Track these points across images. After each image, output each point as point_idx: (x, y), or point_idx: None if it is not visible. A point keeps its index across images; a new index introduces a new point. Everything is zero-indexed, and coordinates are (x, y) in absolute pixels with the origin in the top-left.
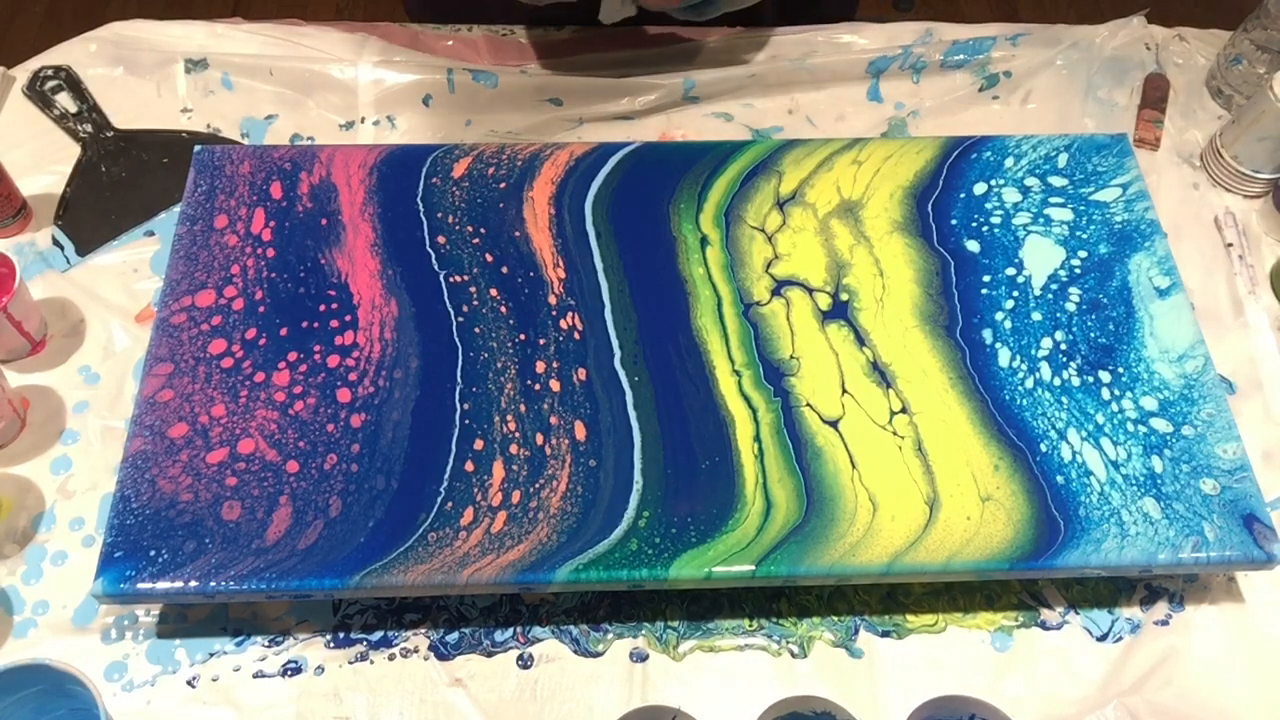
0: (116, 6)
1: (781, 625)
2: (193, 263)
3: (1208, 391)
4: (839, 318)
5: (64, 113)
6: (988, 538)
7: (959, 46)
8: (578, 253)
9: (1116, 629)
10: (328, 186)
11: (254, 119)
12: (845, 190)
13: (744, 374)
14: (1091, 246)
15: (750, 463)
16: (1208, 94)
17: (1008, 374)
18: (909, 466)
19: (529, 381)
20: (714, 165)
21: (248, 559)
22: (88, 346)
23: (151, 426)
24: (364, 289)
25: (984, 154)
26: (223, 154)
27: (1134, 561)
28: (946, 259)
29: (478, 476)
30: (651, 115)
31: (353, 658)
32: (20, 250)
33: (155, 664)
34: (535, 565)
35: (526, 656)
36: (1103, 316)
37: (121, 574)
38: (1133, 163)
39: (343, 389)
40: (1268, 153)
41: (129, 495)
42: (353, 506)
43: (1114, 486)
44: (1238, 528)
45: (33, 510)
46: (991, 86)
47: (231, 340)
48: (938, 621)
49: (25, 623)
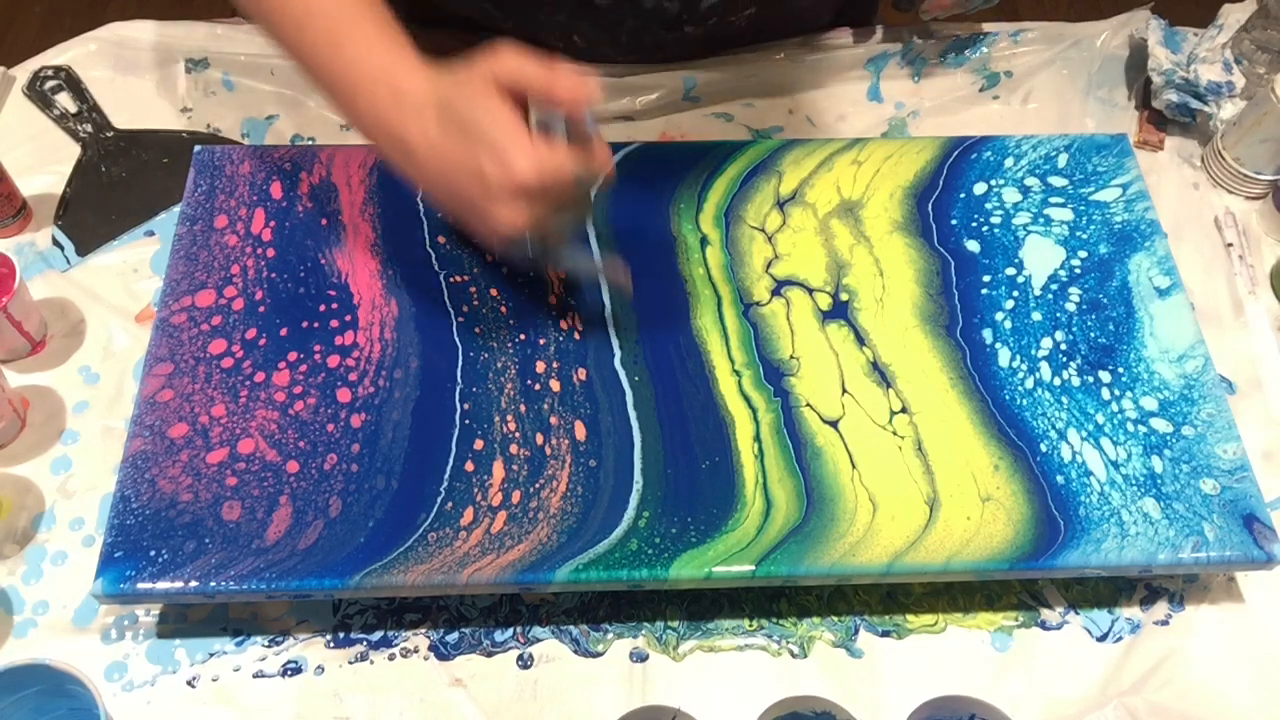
0: (116, 6)
1: (781, 625)
2: (193, 263)
3: (1208, 391)
4: (839, 318)
5: (64, 113)
6: (988, 538)
7: (960, 42)
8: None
9: (1116, 629)
10: (328, 186)
11: (254, 119)
12: (845, 190)
13: (744, 374)
14: (1092, 246)
15: (750, 463)
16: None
17: (1008, 374)
18: (909, 466)
19: (529, 381)
20: (714, 165)
21: (248, 559)
22: (88, 346)
23: (151, 426)
24: (364, 289)
25: (984, 154)
26: (223, 154)
27: (1134, 561)
28: (946, 259)
29: (478, 476)
30: (651, 115)
31: (353, 658)
32: (20, 250)
33: (155, 664)
34: (535, 565)
35: (526, 656)
36: (1103, 316)
37: (121, 574)
38: (1133, 163)
39: (343, 389)
40: (1269, 154)
41: (129, 495)
42: (353, 506)
43: (1114, 486)
44: (1238, 528)
45: (33, 510)
46: (992, 86)
47: (231, 340)
48: (938, 621)
49: (25, 623)
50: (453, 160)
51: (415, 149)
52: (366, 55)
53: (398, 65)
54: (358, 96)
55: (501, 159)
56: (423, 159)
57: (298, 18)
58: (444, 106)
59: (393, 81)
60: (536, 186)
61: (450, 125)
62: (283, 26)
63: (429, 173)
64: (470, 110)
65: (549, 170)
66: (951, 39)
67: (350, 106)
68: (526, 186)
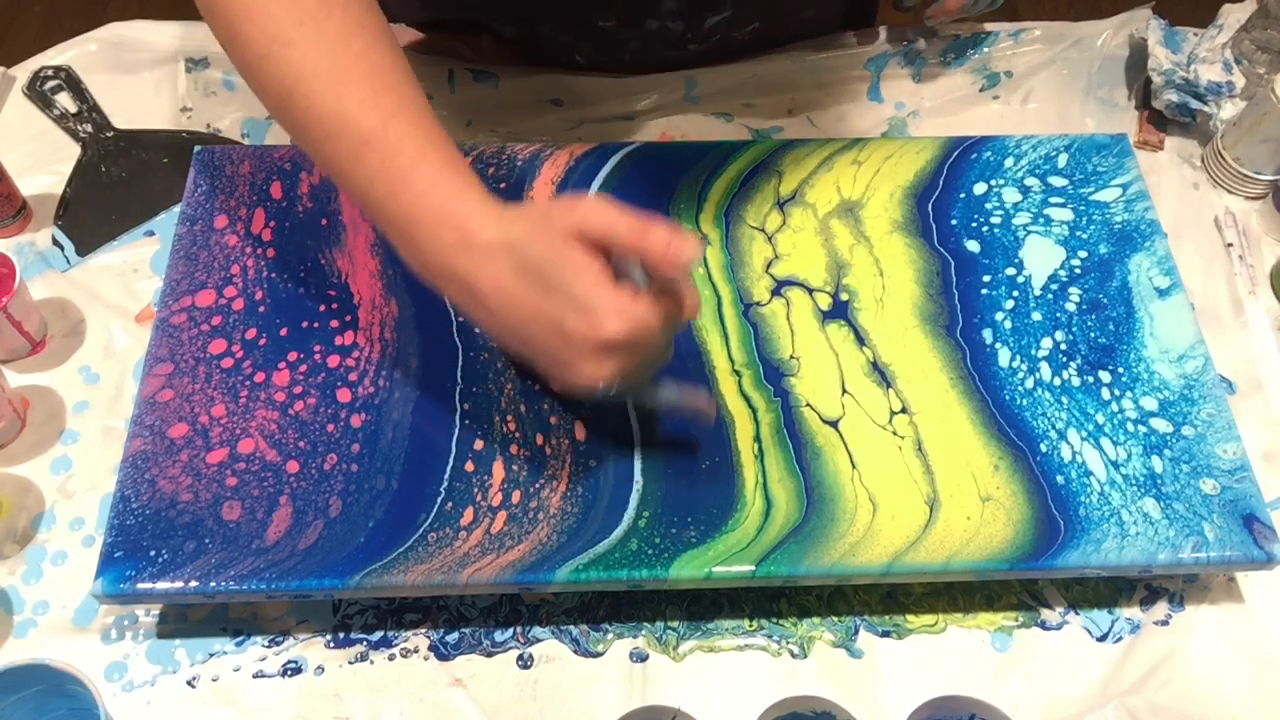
0: (116, 6)
1: (781, 625)
2: (193, 263)
3: (1208, 391)
4: (839, 318)
5: (64, 113)
6: (988, 538)
7: (960, 42)
8: None
9: (1116, 629)
10: (328, 186)
11: (254, 119)
12: (845, 190)
13: (744, 374)
14: (1091, 246)
15: (750, 463)
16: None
17: (1008, 374)
18: (909, 466)
19: (529, 381)
20: (714, 165)
21: (248, 559)
22: (88, 346)
23: (151, 426)
24: (364, 289)
25: (984, 154)
26: (223, 154)
27: (1134, 561)
28: (946, 259)
29: (478, 476)
30: (651, 115)
31: (353, 658)
32: (20, 250)
33: (155, 664)
34: (535, 565)
35: (526, 656)
36: (1103, 316)
37: (121, 574)
38: (1133, 163)
39: (343, 389)
40: (1269, 154)
41: (129, 495)
42: (353, 506)
43: (1114, 486)
44: (1238, 528)
45: (33, 510)
46: (992, 86)
47: (231, 340)
48: (938, 621)
49: (25, 623)
50: (532, 313)
51: (487, 297)
52: (429, 193)
53: (464, 205)
54: (419, 239)
55: (588, 317)
56: (496, 307)
57: (353, 147)
58: (520, 255)
59: (459, 223)
60: (624, 343)
61: (528, 275)
62: (324, 146)
63: (505, 324)
64: (551, 262)
65: (638, 328)
66: (952, 39)
67: (411, 248)
68: (615, 343)
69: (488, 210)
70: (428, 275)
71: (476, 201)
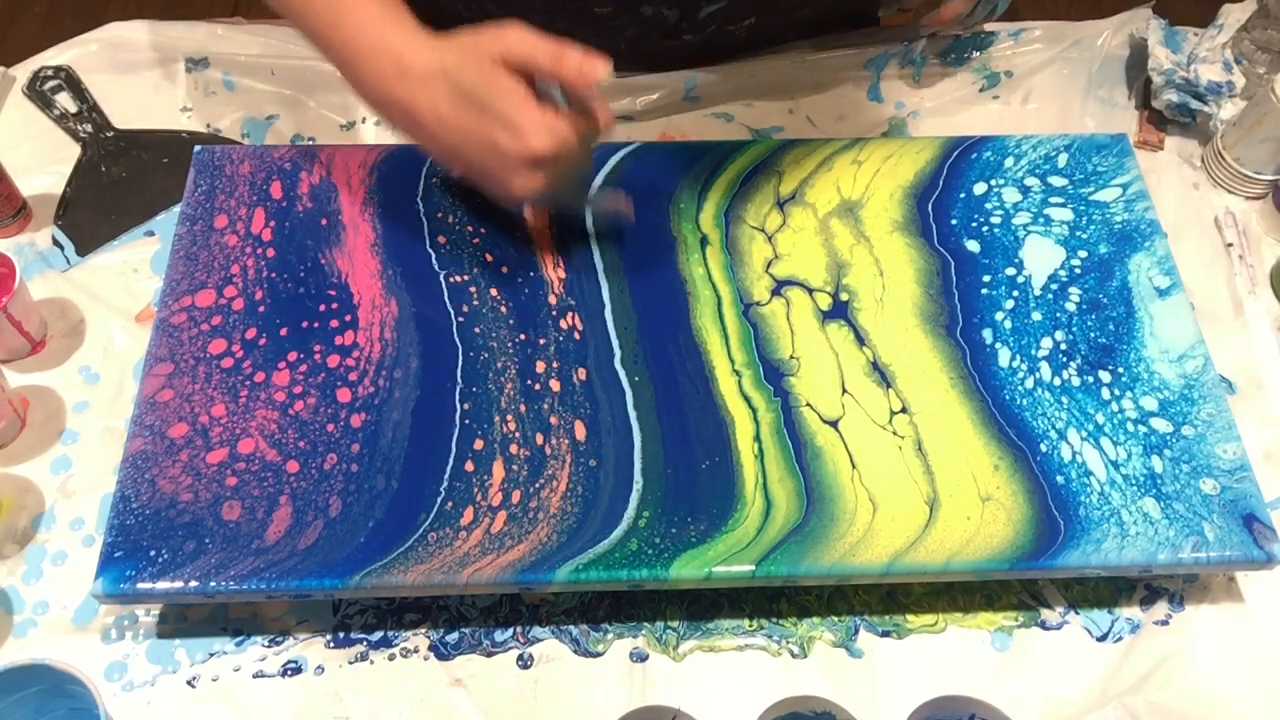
0: (116, 6)
1: (781, 625)
2: (193, 263)
3: (1208, 391)
4: (839, 318)
5: (64, 113)
6: (988, 538)
7: (960, 43)
8: (578, 253)
9: (1116, 629)
10: (328, 186)
11: (254, 119)
12: (845, 190)
13: (744, 374)
14: (1091, 246)
15: (750, 463)
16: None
17: (1008, 374)
18: (909, 466)
19: (529, 381)
20: (714, 165)
21: (248, 559)
22: (88, 346)
23: (151, 426)
24: (364, 289)
25: (984, 154)
26: (223, 154)
27: (1134, 561)
28: (946, 259)
29: (478, 476)
30: (651, 115)
31: (353, 658)
32: (20, 250)
33: (155, 664)
34: (535, 565)
35: (526, 656)
36: (1103, 316)
37: (121, 574)
38: (1133, 163)
39: (343, 389)
40: (1269, 154)
41: (129, 495)
42: (353, 506)
43: (1114, 486)
44: (1238, 528)
45: (33, 510)
46: (992, 86)
47: (231, 340)
48: (938, 621)
49: (25, 623)
50: (466, 134)
51: (426, 122)
52: (367, 26)
53: (398, 36)
54: (360, 68)
55: (517, 135)
56: (434, 131)
57: None
58: (453, 81)
59: (395, 53)
60: (550, 157)
61: (461, 100)
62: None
63: (442, 144)
64: (481, 86)
65: (560, 142)
66: (952, 39)
67: (354, 78)
68: (541, 158)
69: (421, 39)
70: (371, 104)
71: (411, 32)
